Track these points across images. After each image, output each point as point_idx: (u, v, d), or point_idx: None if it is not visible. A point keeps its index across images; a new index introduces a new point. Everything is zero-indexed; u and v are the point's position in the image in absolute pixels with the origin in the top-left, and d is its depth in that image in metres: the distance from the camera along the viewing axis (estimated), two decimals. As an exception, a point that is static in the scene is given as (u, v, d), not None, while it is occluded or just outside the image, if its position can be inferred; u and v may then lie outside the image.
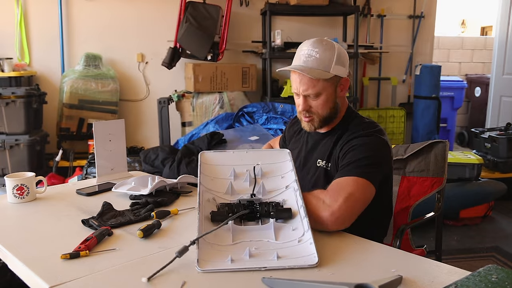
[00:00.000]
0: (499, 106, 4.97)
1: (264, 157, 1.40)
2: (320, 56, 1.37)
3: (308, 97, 1.41)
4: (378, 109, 4.89)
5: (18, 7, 4.00)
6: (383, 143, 1.39)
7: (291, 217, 1.19)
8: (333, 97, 1.41)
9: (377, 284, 0.87)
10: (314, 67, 1.37)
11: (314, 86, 1.38)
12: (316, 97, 1.40)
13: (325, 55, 1.37)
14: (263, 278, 0.96)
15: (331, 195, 1.24)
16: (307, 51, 1.38)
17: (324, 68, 1.37)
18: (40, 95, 3.83)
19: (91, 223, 1.26)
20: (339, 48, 1.40)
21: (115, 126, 1.80)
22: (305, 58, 1.38)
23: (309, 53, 1.38)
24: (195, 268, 1.00)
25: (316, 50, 1.37)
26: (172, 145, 3.68)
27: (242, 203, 1.23)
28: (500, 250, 2.94)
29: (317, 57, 1.37)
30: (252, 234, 1.14)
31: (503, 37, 4.86)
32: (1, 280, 1.66)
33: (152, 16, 4.29)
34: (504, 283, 0.87)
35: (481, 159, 3.43)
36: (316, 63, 1.37)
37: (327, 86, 1.39)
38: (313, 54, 1.37)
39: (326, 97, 1.40)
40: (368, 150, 1.34)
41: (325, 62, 1.37)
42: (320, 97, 1.40)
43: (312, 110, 1.42)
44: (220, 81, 4.07)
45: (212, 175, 1.34)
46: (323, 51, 1.37)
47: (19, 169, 3.56)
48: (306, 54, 1.38)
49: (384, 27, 4.88)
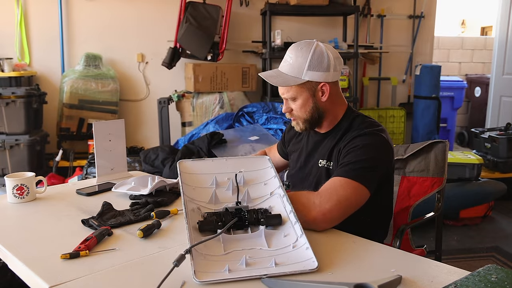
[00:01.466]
0: (499, 106, 4.97)
1: (244, 165, 1.37)
2: (293, 61, 1.39)
3: (287, 100, 1.44)
4: (378, 109, 4.89)
5: (18, 7, 4.00)
6: (385, 143, 1.39)
7: (281, 223, 1.17)
8: (311, 102, 1.41)
9: (376, 284, 0.87)
10: (287, 72, 1.40)
11: (288, 91, 1.41)
12: (293, 100, 1.43)
13: (297, 61, 1.38)
14: (262, 278, 0.96)
15: (324, 196, 1.25)
16: (285, 56, 1.42)
17: (296, 74, 1.38)
18: (40, 95, 3.83)
19: (91, 223, 1.26)
20: (317, 52, 1.37)
21: (115, 126, 1.80)
22: (282, 62, 1.42)
23: (286, 58, 1.41)
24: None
25: (290, 55, 1.40)
26: (172, 145, 3.69)
27: (230, 212, 1.20)
28: (500, 250, 2.94)
29: (290, 63, 1.39)
30: (243, 243, 1.11)
31: (503, 37, 4.86)
32: (2, 280, 1.66)
33: (152, 16, 4.29)
34: (504, 283, 0.87)
35: (481, 159, 3.43)
36: (289, 69, 1.39)
37: (301, 91, 1.40)
38: (287, 60, 1.40)
39: (303, 101, 1.41)
40: (368, 151, 1.34)
41: (295, 68, 1.38)
42: (296, 101, 1.42)
43: (293, 113, 1.46)
44: (220, 81, 4.07)
45: (194, 184, 1.30)
46: (296, 57, 1.38)
47: (19, 169, 3.57)
48: (284, 59, 1.42)
49: (384, 27, 4.88)
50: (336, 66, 1.41)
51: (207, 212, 1.22)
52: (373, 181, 1.32)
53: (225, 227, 1.12)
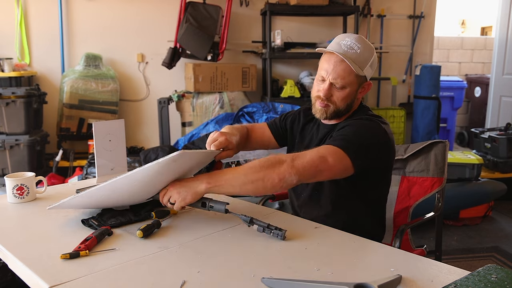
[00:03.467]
0: (499, 106, 4.97)
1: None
2: (361, 52, 1.38)
3: (333, 86, 1.40)
4: (378, 109, 4.89)
5: (18, 7, 4.00)
6: (382, 131, 1.38)
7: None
8: (354, 95, 1.42)
9: (376, 283, 0.87)
10: (353, 59, 1.37)
11: (344, 77, 1.38)
12: (341, 88, 1.39)
13: (364, 53, 1.38)
14: (262, 278, 0.96)
15: (300, 153, 1.25)
16: (350, 43, 1.38)
17: (360, 65, 1.38)
18: (40, 95, 3.83)
19: (91, 223, 1.26)
20: (374, 51, 1.43)
21: (115, 126, 1.80)
22: (347, 48, 1.38)
23: (351, 46, 1.38)
24: (195, 268, 1.01)
25: (358, 45, 1.38)
26: (172, 145, 3.69)
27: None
28: (500, 250, 2.94)
29: (358, 52, 1.37)
30: None
31: (503, 37, 4.86)
32: (2, 280, 1.66)
33: (152, 16, 4.29)
34: (504, 283, 0.87)
35: (481, 159, 3.43)
36: (355, 57, 1.37)
37: (354, 83, 1.39)
38: (355, 48, 1.38)
39: (349, 92, 1.40)
40: (361, 129, 1.35)
41: (362, 60, 1.38)
42: (344, 90, 1.40)
43: (332, 99, 1.41)
44: (220, 81, 4.07)
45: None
46: (364, 49, 1.38)
47: (19, 169, 3.57)
48: (348, 46, 1.38)
49: (384, 27, 4.88)
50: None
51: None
52: (359, 157, 1.29)
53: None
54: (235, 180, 1.20)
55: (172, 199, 1.24)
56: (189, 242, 1.17)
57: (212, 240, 1.19)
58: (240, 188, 1.21)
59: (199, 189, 1.21)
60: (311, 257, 1.08)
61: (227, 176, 1.21)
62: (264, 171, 1.20)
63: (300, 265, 1.04)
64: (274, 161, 1.21)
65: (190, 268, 1.02)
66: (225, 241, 1.19)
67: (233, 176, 1.21)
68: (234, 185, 1.20)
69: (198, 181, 1.23)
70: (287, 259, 1.08)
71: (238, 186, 1.20)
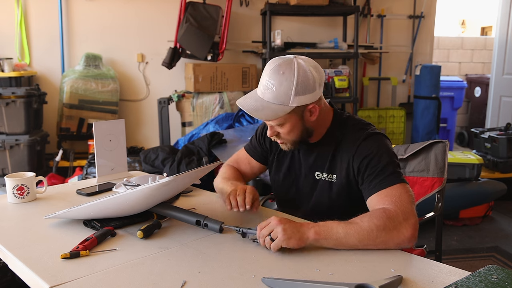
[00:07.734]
0: (499, 106, 4.97)
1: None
2: (276, 89, 1.24)
3: (273, 126, 1.33)
4: (378, 109, 4.89)
5: (18, 7, 4.00)
6: (386, 139, 1.37)
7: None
8: (300, 125, 1.31)
9: (377, 284, 0.87)
10: (271, 101, 1.25)
11: (273, 119, 1.29)
12: (280, 126, 1.31)
13: (281, 88, 1.23)
14: (263, 278, 0.96)
15: (400, 210, 1.18)
16: (265, 82, 1.26)
17: (282, 102, 1.24)
18: (40, 95, 3.83)
19: (93, 224, 1.26)
20: (301, 74, 1.24)
21: (115, 126, 1.80)
22: (263, 89, 1.27)
23: (267, 85, 1.26)
24: (195, 268, 1.01)
25: (272, 82, 1.25)
26: (172, 145, 3.69)
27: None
28: (500, 250, 2.94)
29: (273, 90, 1.24)
30: None
31: (503, 37, 4.86)
32: (2, 280, 1.66)
33: (152, 16, 4.29)
34: (504, 283, 0.87)
35: (481, 159, 3.43)
36: (273, 97, 1.25)
37: (289, 117, 1.28)
38: (269, 87, 1.25)
39: (292, 125, 1.30)
40: (383, 153, 1.30)
41: (281, 96, 1.24)
42: (284, 126, 1.31)
43: (281, 136, 1.34)
44: (220, 81, 4.07)
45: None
46: (279, 84, 1.23)
47: (19, 169, 3.57)
48: (264, 86, 1.27)
49: (384, 27, 4.88)
50: (321, 81, 1.29)
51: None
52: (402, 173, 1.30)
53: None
54: (347, 240, 1.12)
55: (274, 234, 1.11)
56: (189, 243, 1.17)
57: (212, 240, 1.19)
58: (349, 248, 1.13)
59: (306, 237, 1.11)
60: (312, 258, 1.08)
61: (339, 234, 1.12)
62: (381, 237, 1.12)
63: (300, 266, 1.04)
64: (390, 226, 1.14)
65: (190, 268, 1.02)
66: (226, 241, 1.19)
67: (345, 236, 1.12)
68: (343, 244, 1.12)
69: (305, 227, 1.13)
70: (288, 259, 1.08)
71: (349, 247, 1.13)
